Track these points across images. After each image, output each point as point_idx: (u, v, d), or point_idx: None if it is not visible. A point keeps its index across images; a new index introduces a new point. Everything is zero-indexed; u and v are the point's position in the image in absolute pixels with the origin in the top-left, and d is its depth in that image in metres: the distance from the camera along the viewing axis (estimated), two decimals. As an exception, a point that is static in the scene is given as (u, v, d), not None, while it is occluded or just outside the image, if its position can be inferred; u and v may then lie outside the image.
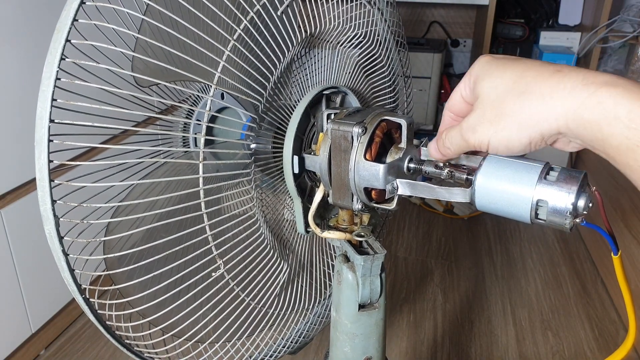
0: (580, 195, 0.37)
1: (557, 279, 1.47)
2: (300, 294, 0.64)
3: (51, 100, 0.39)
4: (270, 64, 0.53)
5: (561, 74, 0.34)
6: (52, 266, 0.41)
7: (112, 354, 1.17)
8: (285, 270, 0.59)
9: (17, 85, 1.01)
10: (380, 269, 0.53)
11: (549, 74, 0.34)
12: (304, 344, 0.72)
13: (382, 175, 0.47)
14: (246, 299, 0.55)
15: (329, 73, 0.61)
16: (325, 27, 0.59)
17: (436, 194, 0.45)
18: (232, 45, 0.49)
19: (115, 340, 0.46)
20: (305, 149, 0.56)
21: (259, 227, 0.55)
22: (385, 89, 0.71)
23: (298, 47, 0.57)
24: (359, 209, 0.52)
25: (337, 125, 0.49)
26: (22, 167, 1.05)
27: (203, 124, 0.49)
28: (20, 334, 1.10)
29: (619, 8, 1.86)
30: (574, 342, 1.23)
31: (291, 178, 0.55)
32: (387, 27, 0.72)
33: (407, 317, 1.31)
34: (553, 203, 0.37)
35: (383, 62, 0.70)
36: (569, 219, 0.37)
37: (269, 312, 0.59)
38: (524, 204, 0.38)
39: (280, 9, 0.53)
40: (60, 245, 0.40)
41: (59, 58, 0.38)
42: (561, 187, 0.37)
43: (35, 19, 1.04)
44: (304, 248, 0.65)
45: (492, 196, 0.40)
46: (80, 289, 0.42)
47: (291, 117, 0.55)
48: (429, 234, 1.67)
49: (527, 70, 0.36)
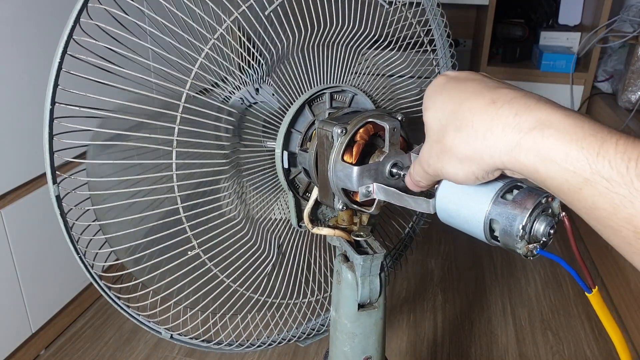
0: (536, 219, 0.35)
1: (557, 279, 1.46)
2: (292, 284, 0.65)
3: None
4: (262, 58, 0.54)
5: (494, 107, 0.32)
6: (52, 266, 0.42)
7: (112, 354, 1.17)
8: (270, 258, 0.61)
9: (18, 86, 1.01)
10: (380, 268, 0.53)
11: (484, 106, 0.33)
12: (314, 336, 0.73)
13: (355, 177, 0.46)
14: (225, 280, 0.58)
15: (334, 72, 0.61)
16: (331, 26, 0.59)
17: (404, 202, 0.44)
18: (218, 36, 0.49)
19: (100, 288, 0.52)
20: (302, 145, 0.56)
21: (238, 213, 0.58)
22: (408, 90, 0.70)
23: (292, 46, 0.57)
24: (340, 209, 0.52)
25: (322, 124, 0.49)
26: (22, 167, 1.05)
27: (181, 103, 0.50)
28: (20, 334, 1.10)
29: (619, 8, 1.86)
30: (574, 342, 1.23)
31: (282, 172, 0.56)
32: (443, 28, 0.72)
33: (407, 317, 1.31)
34: (505, 224, 0.35)
35: (404, 64, 0.69)
36: (521, 243, 0.35)
37: (253, 296, 0.62)
38: (477, 221, 0.36)
39: (269, 9, 0.53)
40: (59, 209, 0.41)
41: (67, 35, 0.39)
42: (515, 207, 0.35)
43: (38, 17, 1.04)
44: (299, 244, 0.65)
45: (450, 210, 0.39)
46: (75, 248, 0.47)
47: (286, 113, 0.56)
48: (429, 234, 1.67)
49: (465, 102, 0.34)
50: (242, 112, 0.55)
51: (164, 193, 0.50)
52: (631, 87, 1.84)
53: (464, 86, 0.35)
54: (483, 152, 0.32)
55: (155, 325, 0.57)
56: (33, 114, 1.05)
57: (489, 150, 0.32)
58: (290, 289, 0.65)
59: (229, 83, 0.54)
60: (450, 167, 0.35)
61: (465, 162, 0.34)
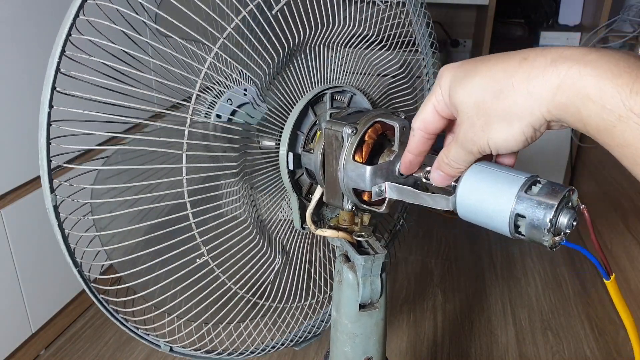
0: (561, 212, 0.36)
1: (557, 279, 1.46)
2: (295, 288, 0.64)
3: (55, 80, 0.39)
4: (262, 62, 0.54)
5: (528, 62, 0.33)
6: (52, 266, 0.41)
7: (112, 354, 1.17)
8: (276, 262, 0.60)
9: (18, 86, 1.01)
10: (381, 269, 0.53)
11: (517, 64, 0.33)
12: (310, 339, 0.73)
13: (368, 177, 0.46)
14: (233, 287, 0.57)
15: (334, 72, 0.61)
16: (331, 27, 0.59)
17: (421, 200, 0.44)
18: (230, 32, 0.49)
19: (102, 307, 0.52)
20: (305, 146, 0.56)
21: (246, 218, 0.57)
22: (403, 90, 0.70)
23: (296, 46, 0.57)
24: (349, 209, 0.52)
25: (330, 124, 0.49)
26: (22, 168, 1.05)
27: (190, 106, 0.50)
28: (20, 334, 1.10)
29: (619, 8, 1.86)
30: (574, 342, 1.23)
31: (287, 174, 0.56)
32: (425, 28, 0.72)
33: (407, 317, 1.31)
34: (531, 217, 0.36)
35: (399, 64, 0.70)
36: (548, 236, 0.36)
37: (258, 302, 0.60)
38: (502, 217, 0.37)
39: (276, 8, 0.53)
40: (57, 220, 0.40)
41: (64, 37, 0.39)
42: (541, 201, 0.36)
43: (37, 17, 1.04)
44: (302, 246, 0.65)
45: (473, 206, 0.39)
46: (74, 262, 0.46)
47: (289, 114, 0.56)
48: (429, 234, 1.67)
49: (493, 67, 0.35)
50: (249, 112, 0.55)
51: (173, 199, 0.48)
52: (631, 87, 1.84)
53: (486, 60, 0.36)
54: (530, 106, 0.33)
55: (155, 338, 0.55)
56: (33, 114, 1.04)
57: (535, 102, 0.32)
58: (294, 292, 0.64)
59: (237, 83, 0.54)
60: (499, 134, 0.35)
61: (514, 122, 0.34)
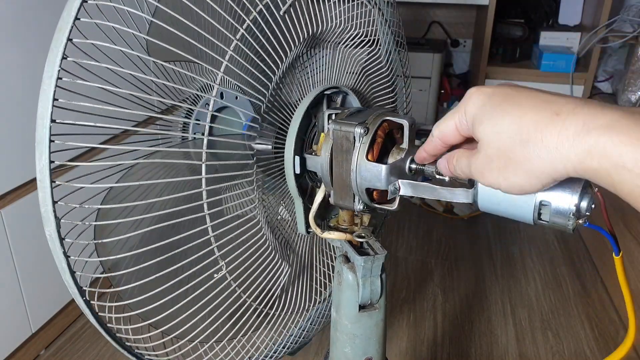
0: (583, 197, 0.37)
1: (557, 279, 1.46)
2: (299, 295, 0.64)
3: (52, 99, 0.38)
4: (273, 63, 0.53)
5: (559, 119, 0.33)
6: (52, 266, 0.41)
7: (112, 354, 1.17)
8: (286, 271, 0.59)
9: (18, 85, 1.01)
10: (381, 269, 0.53)
11: (549, 119, 0.34)
12: (303, 344, 0.72)
13: (384, 175, 0.47)
14: (247, 300, 0.55)
15: (330, 73, 0.61)
16: (327, 26, 0.59)
17: (438, 195, 0.45)
18: (235, 45, 0.49)
19: (116, 342, 0.46)
20: (306, 149, 0.56)
21: (260, 228, 0.55)
22: (385, 88, 0.71)
23: (300, 46, 0.57)
24: (360, 210, 0.52)
25: (339, 125, 0.49)
26: (23, 167, 1.05)
27: (206, 124, 0.49)
28: (20, 334, 1.10)
29: (619, 8, 1.86)
30: (574, 342, 1.23)
31: (292, 178, 0.55)
32: (387, 27, 0.72)
33: (407, 317, 1.31)
34: (556, 204, 0.38)
35: (383, 62, 0.70)
36: (572, 220, 0.38)
37: (269, 313, 0.59)
38: (527, 205, 0.38)
39: (283, 9, 0.53)
40: (62, 247, 0.40)
41: (60, 57, 0.38)
42: (565, 188, 0.37)
43: (36, 18, 1.04)
44: (304, 248, 0.64)
45: (495, 197, 0.40)
46: (81, 291, 0.42)
47: (293, 116, 0.55)
48: (429, 234, 1.67)
49: (525, 116, 0.35)
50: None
51: (192, 213, 0.47)
52: (631, 87, 1.85)
53: (517, 99, 0.36)
54: (556, 163, 0.33)
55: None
56: (33, 114, 1.04)
57: (562, 162, 0.33)
58: (300, 298, 0.64)
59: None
60: (516, 179, 0.36)
61: (534, 175, 0.35)
